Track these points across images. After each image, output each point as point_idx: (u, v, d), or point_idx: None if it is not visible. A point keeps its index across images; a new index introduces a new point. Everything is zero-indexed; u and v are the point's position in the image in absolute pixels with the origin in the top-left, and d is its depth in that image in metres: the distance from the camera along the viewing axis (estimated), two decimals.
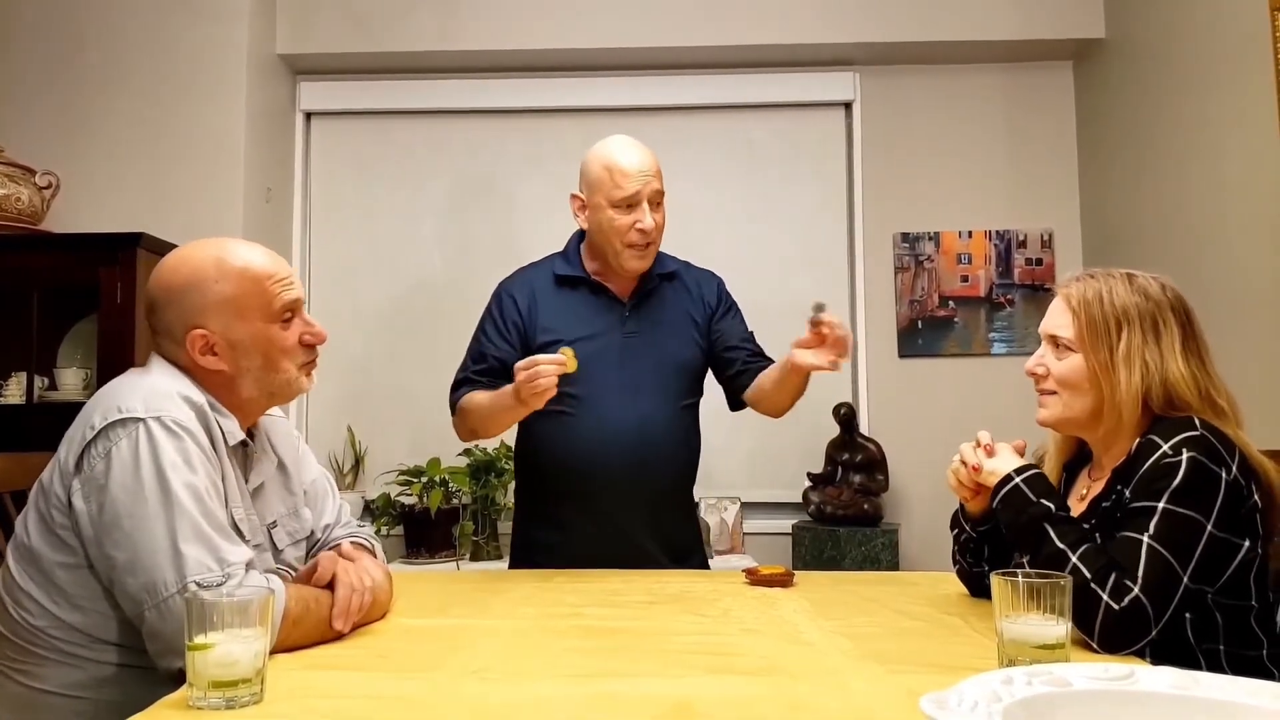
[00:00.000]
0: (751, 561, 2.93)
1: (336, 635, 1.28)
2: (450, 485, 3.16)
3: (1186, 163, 2.84)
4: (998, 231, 3.53)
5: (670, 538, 1.98)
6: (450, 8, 3.44)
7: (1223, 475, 1.26)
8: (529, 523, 2.04)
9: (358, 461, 3.47)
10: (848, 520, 3.18)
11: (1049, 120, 3.56)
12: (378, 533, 2.94)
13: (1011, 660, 1.08)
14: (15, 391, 2.82)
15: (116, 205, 3.09)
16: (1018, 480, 1.38)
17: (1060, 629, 1.07)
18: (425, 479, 3.17)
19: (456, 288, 3.53)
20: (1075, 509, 1.41)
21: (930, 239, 3.53)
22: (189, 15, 3.19)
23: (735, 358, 1.99)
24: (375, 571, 1.40)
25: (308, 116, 3.63)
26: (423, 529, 3.17)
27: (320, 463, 1.62)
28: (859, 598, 1.59)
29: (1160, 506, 1.25)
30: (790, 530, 3.30)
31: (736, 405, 2.04)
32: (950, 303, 3.51)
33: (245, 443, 1.38)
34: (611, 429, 1.89)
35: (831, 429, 3.31)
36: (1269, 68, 2.37)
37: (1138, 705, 0.85)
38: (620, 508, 1.90)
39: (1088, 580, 1.21)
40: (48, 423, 2.43)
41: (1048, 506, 1.33)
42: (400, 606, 1.49)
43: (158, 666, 1.16)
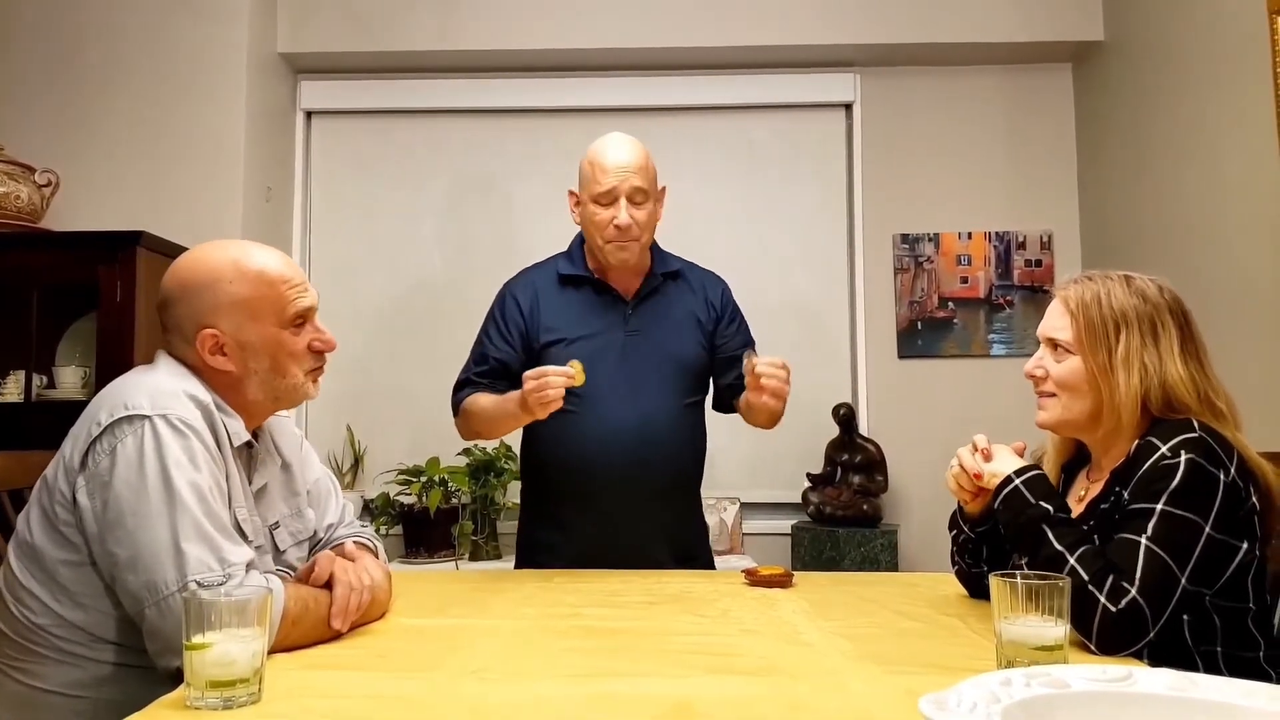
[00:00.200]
0: (751, 562, 2.93)
1: (335, 635, 1.28)
2: (449, 485, 3.16)
3: (1185, 164, 2.85)
4: (997, 233, 3.53)
5: (674, 538, 1.98)
6: (451, 7, 3.44)
7: (1221, 477, 1.26)
8: (532, 522, 2.04)
9: (357, 461, 3.47)
10: (847, 521, 3.18)
11: (1048, 122, 3.56)
12: (377, 532, 2.94)
13: (1010, 661, 1.08)
14: (14, 390, 2.81)
15: (116, 204, 3.09)
16: (1017, 482, 1.38)
17: (1059, 630, 1.08)
18: (424, 479, 3.17)
19: (456, 287, 3.54)
20: (1073, 510, 1.41)
21: (930, 240, 3.53)
22: (189, 14, 3.19)
23: (732, 370, 1.99)
24: (375, 571, 1.40)
25: (308, 115, 3.63)
26: (422, 529, 3.17)
27: (320, 462, 1.62)
28: (858, 598, 1.59)
29: (1158, 508, 1.25)
30: (789, 531, 3.31)
31: (722, 409, 2.06)
32: (950, 304, 3.52)
33: (250, 444, 1.38)
34: (612, 427, 1.89)
35: (831, 429, 3.31)
36: (1267, 70, 2.38)
37: (1136, 707, 0.86)
38: (621, 507, 1.90)
39: (1085, 582, 1.21)
40: (46, 421, 2.43)
41: (1046, 508, 1.33)
42: (399, 606, 1.49)
43: (157, 665, 1.15)
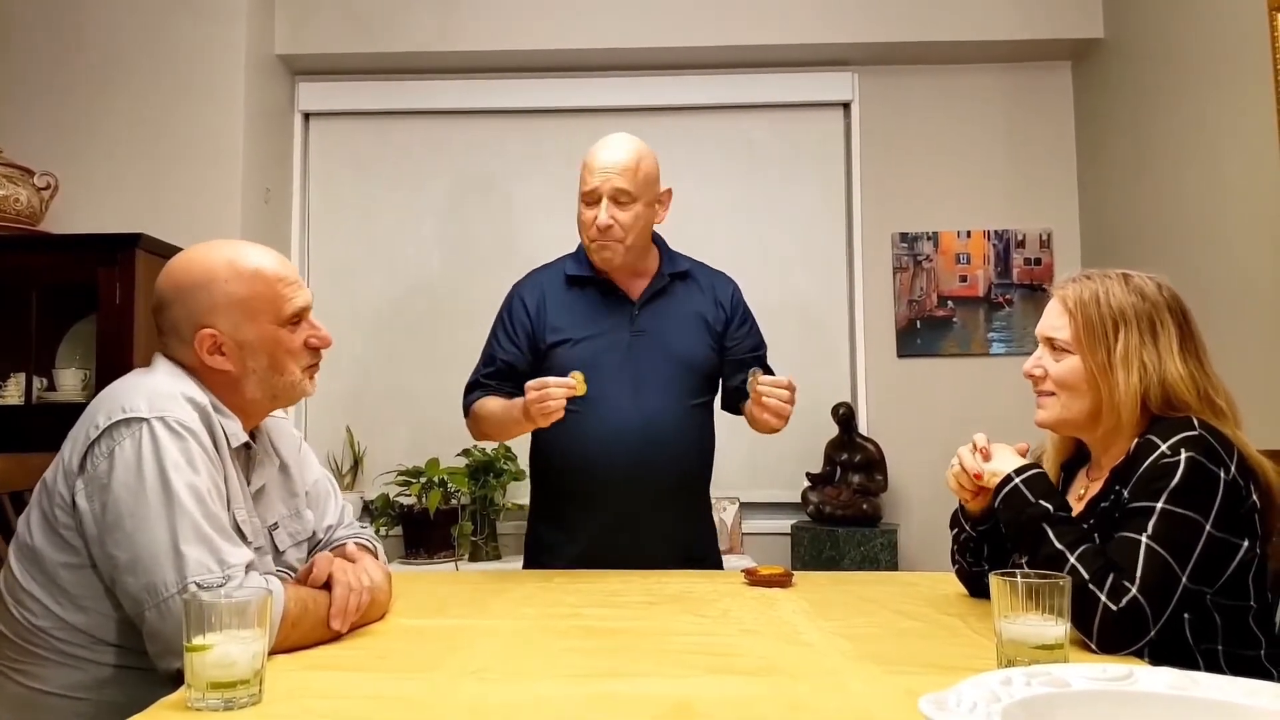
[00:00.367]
0: (750, 562, 2.93)
1: (335, 635, 1.28)
2: (449, 486, 3.16)
3: (1185, 162, 2.85)
4: (996, 231, 3.53)
5: (680, 539, 1.97)
6: (449, 8, 3.44)
7: (1221, 475, 1.26)
8: (539, 522, 2.04)
9: (356, 462, 3.47)
10: (847, 520, 3.18)
11: (1048, 120, 3.56)
12: (377, 533, 2.94)
13: (1010, 661, 1.08)
14: (14, 392, 2.82)
15: (115, 206, 3.09)
16: (1017, 481, 1.38)
17: (1059, 629, 1.07)
18: (424, 479, 3.17)
19: (455, 288, 3.54)
20: (1073, 509, 1.41)
21: (929, 239, 3.53)
22: (188, 15, 3.19)
23: (741, 373, 1.96)
24: (374, 572, 1.40)
25: (306, 117, 3.63)
26: (421, 529, 3.17)
27: (319, 463, 1.62)
28: (858, 598, 1.59)
29: (1159, 507, 1.25)
30: (789, 530, 3.31)
31: (732, 410, 2.06)
32: (949, 302, 3.52)
33: (248, 444, 1.38)
34: (616, 427, 1.89)
35: (830, 429, 3.31)
36: (1267, 68, 2.38)
37: (1136, 706, 0.85)
38: (626, 507, 1.90)
39: (1086, 581, 1.21)
40: (47, 423, 2.43)
41: (1046, 507, 1.33)
42: (399, 607, 1.49)
43: (157, 667, 1.15)
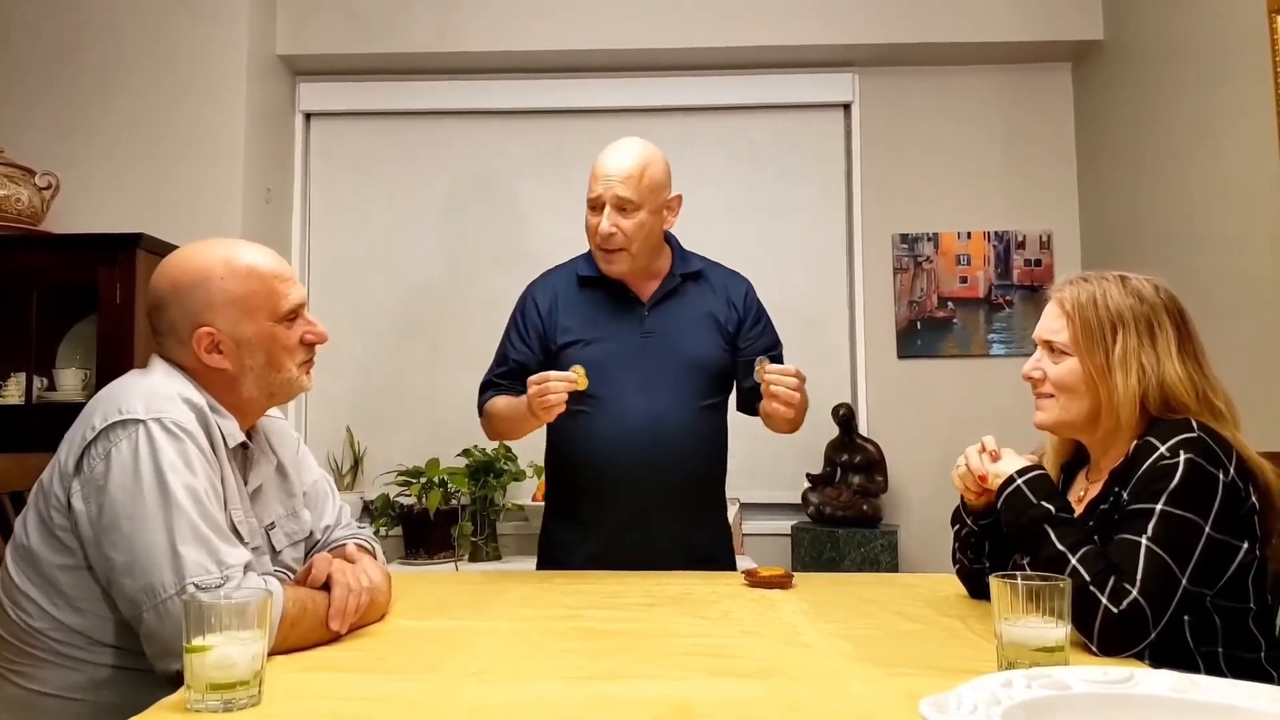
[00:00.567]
0: (751, 563, 2.93)
1: (334, 636, 1.28)
2: (449, 486, 3.16)
3: (1185, 164, 2.85)
4: (996, 232, 3.53)
5: (689, 539, 1.96)
6: (450, 8, 3.44)
7: (1220, 477, 1.26)
8: (552, 520, 2.06)
9: (356, 462, 3.47)
10: (847, 521, 3.18)
11: (1048, 122, 3.56)
12: (376, 533, 2.94)
13: (1011, 663, 1.08)
14: (14, 392, 2.82)
15: (116, 206, 3.09)
16: (1019, 482, 1.38)
17: (1060, 631, 1.07)
18: (424, 480, 3.17)
19: (456, 289, 3.54)
20: (1073, 512, 1.41)
21: (929, 240, 3.53)
22: (189, 15, 3.19)
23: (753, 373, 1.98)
24: (374, 573, 1.40)
25: (307, 117, 3.63)
26: (421, 530, 3.17)
27: (319, 463, 1.62)
28: (858, 599, 1.58)
29: (1158, 508, 1.25)
30: (789, 531, 3.31)
31: (747, 412, 2.04)
32: (949, 303, 3.51)
33: (245, 445, 1.38)
34: (623, 427, 1.89)
35: (830, 430, 3.31)
36: (1267, 69, 2.38)
37: (1137, 708, 0.85)
38: (634, 506, 1.90)
39: (1087, 583, 1.21)
40: (47, 423, 2.42)
41: (1048, 508, 1.33)
42: (398, 608, 1.49)
43: (155, 669, 1.15)
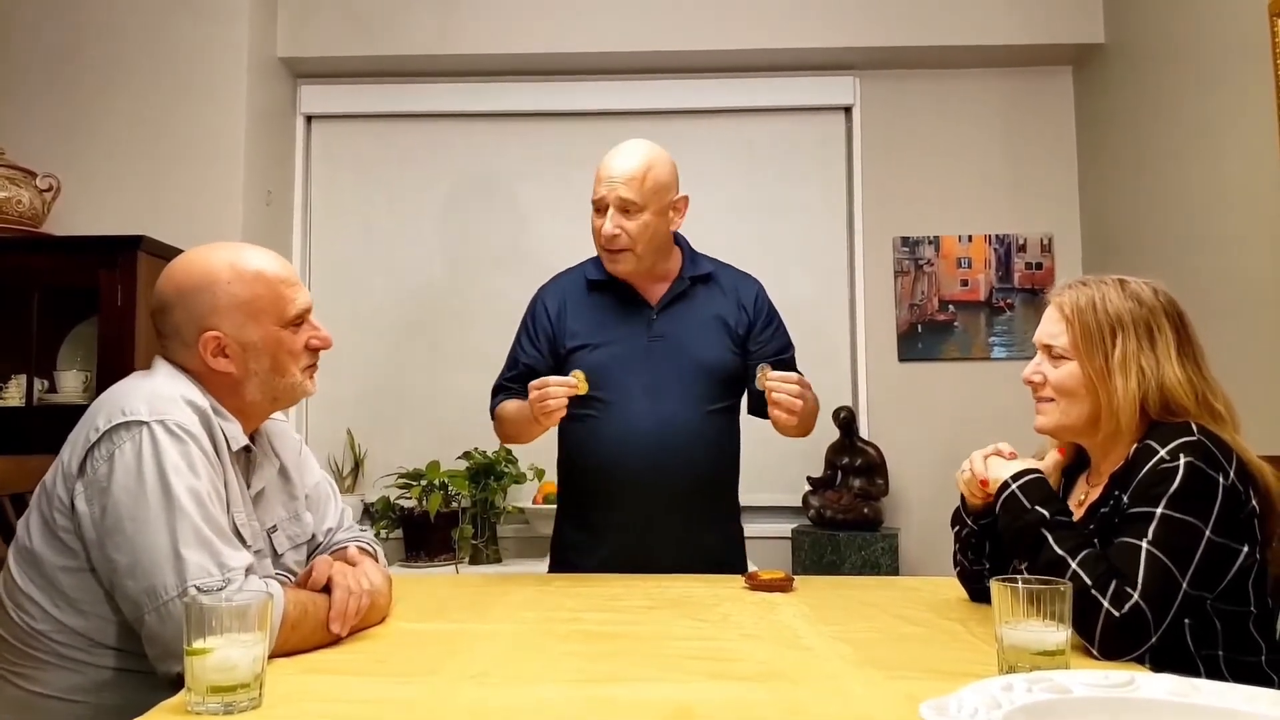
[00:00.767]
0: (751, 566, 2.93)
1: (335, 639, 1.28)
2: (449, 489, 3.16)
3: (1186, 167, 2.85)
4: (997, 236, 3.53)
5: (700, 543, 1.96)
6: (450, 11, 3.44)
7: (1220, 480, 1.26)
8: (564, 523, 2.06)
9: (357, 465, 3.47)
10: (847, 524, 3.18)
11: (1049, 125, 3.56)
12: (377, 535, 2.94)
13: (1011, 667, 1.08)
14: (15, 394, 2.82)
15: (117, 208, 3.09)
16: (1014, 487, 1.38)
17: (1060, 635, 1.07)
18: (424, 482, 3.17)
19: (456, 291, 3.54)
20: (1073, 515, 1.41)
21: (930, 243, 3.53)
22: (189, 17, 3.19)
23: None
24: (374, 575, 1.40)
25: (308, 119, 3.63)
26: (422, 532, 3.17)
27: (320, 466, 1.62)
28: (858, 603, 1.58)
29: (1158, 512, 1.25)
30: (790, 535, 3.30)
31: (758, 415, 2.02)
32: (950, 307, 3.51)
33: (248, 448, 1.38)
34: (632, 430, 1.89)
35: (831, 433, 3.31)
36: (1268, 73, 2.38)
37: (1138, 712, 0.85)
38: (643, 510, 1.90)
39: (1088, 586, 1.21)
40: (48, 425, 2.42)
41: (1043, 513, 1.33)
42: (399, 610, 1.49)
43: (156, 671, 1.15)
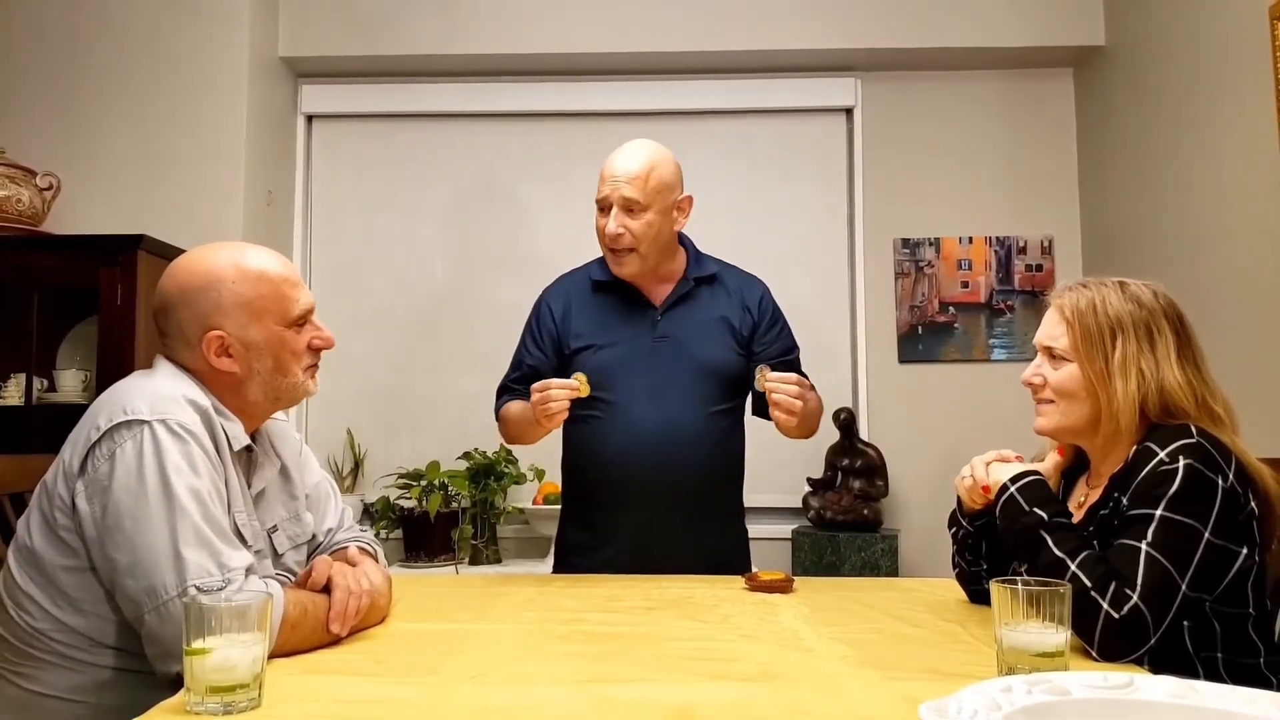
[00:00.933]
0: (751, 567, 2.93)
1: (334, 639, 1.28)
2: (449, 489, 3.16)
3: (1186, 169, 2.85)
4: (998, 237, 3.53)
5: (704, 544, 1.96)
6: (451, 11, 3.44)
7: (1219, 483, 1.26)
8: (568, 524, 2.06)
9: (357, 465, 3.47)
10: (847, 526, 3.18)
11: (1049, 126, 3.56)
12: (377, 535, 2.94)
13: (1011, 668, 1.08)
14: (14, 393, 2.82)
15: (117, 207, 3.09)
16: (1013, 489, 1.38)
17: (1060, 637, 1.07)
18: (424, 482, 3.17)
19: (457, 291, 3.54)
20: (1073, 517, 1.41)
21: (931, 244, 3.53)
22: (190, 17, 3.19)
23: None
24: (374, 575, 1.40)
25: (309, 119, 3.63)
26: (422, 533, 3.17)
27: (320, 465, 1.62)
28: (858, 604, 1.58)
29: (1158, 514, 1.25)
30: (790, 536, 3.30)
31: (763, 415, 2.01)
32: (950, 308, 3.51)
33: (249, 448, 1.38)
34: (636, 432, 1.89)
35: (831, 434, 3.31)
36: (1268, 75, 2.38)
37: (1137, 714, 0.86)
38: (646, 511, 1.90)
39: (1088, 588, 1.21)
40: (47, 424, 2.43)
41: (1041, 515, 1.33)
42: (399, 611, 1.49)
43: (156, 671, 1.15)
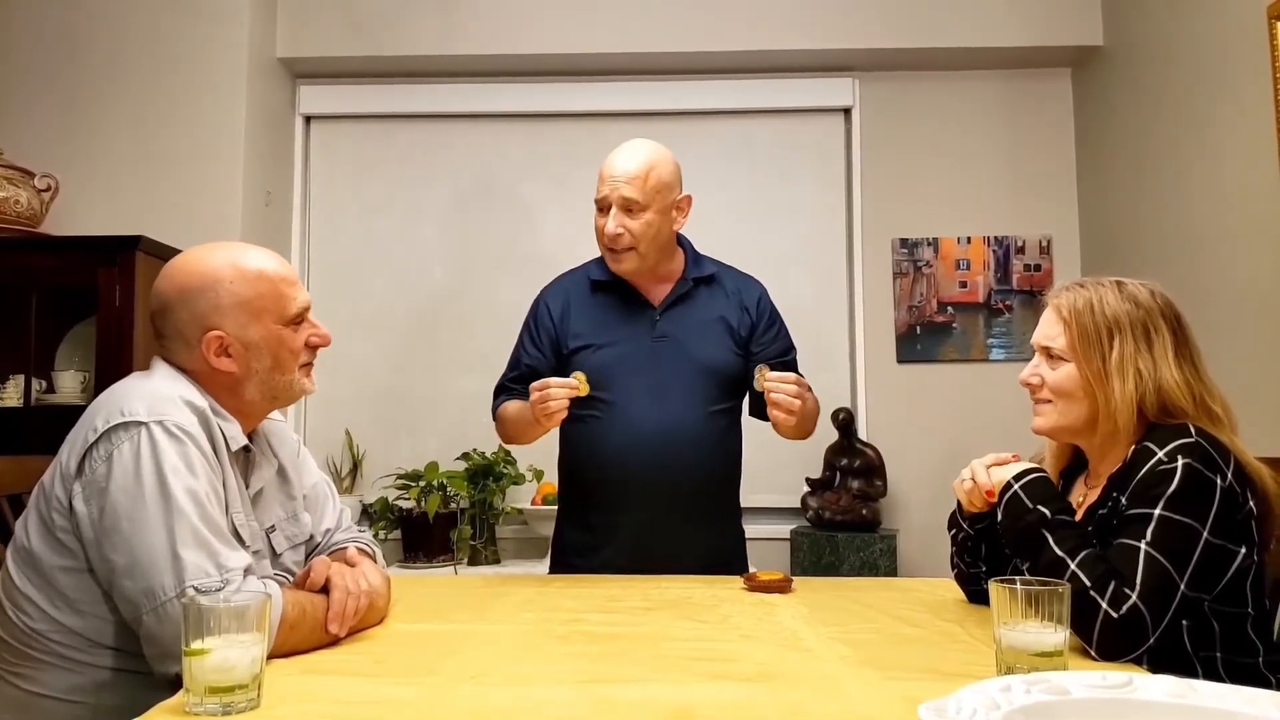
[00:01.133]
0: (750, 567, 2.93)
1: (333, 639, 1.28)
2: (448, 489, 3.16)
3: (1185, 169, 2.85)
4: (996, 237, 3.53)
5: (702, 545, 1.96)
6: (450, 12, 3.44)
7: (1218, 482, 1.26)
8: (565, 525, 2.06)
9: (356, 465, 3.47)
10: (846, 526, 3.18)
11: (1048, 126, 3.56)
12: (375, 536, 2.94)
13: (1010, 668, 1.08)
14: (13, 394, 2.81)
15: (115, 208, 3.09)
16: (1016, 487, 1.38)
17: (1059, 636, 1.07)
18: (423, 483, 3.17)
19: (456, 292, 3.54)
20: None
21: (929, 244, 3.54)
22: (189, 17, 3.19)
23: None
24: (373, 576, 1.40)
25: (307, 120, 3.63)
26: (420, 533, 3.17)
27: (319, 466, 1.62)
28: (857, 604, 1.58)
29: (1156, 513, 1.25)
30: (788, 536, 3.30)
31: (760, 417, 2.02)
32: (949, 308, 3.52)
33: (247, 448, 1.38)
34: (635, 432, 1.89)
35: (830, 434, 3.31)
36: (1266, 75, 2.38)
37: (1136, 713, 0.86)
38: (644, 511, 1.90)
39: (1087, 588, 1.21)
40: (46, 425, 2.43)
41: (1043, 512, 1.33)
42: (397, 611, 1.49)
43: (154, 671, 1.15)
